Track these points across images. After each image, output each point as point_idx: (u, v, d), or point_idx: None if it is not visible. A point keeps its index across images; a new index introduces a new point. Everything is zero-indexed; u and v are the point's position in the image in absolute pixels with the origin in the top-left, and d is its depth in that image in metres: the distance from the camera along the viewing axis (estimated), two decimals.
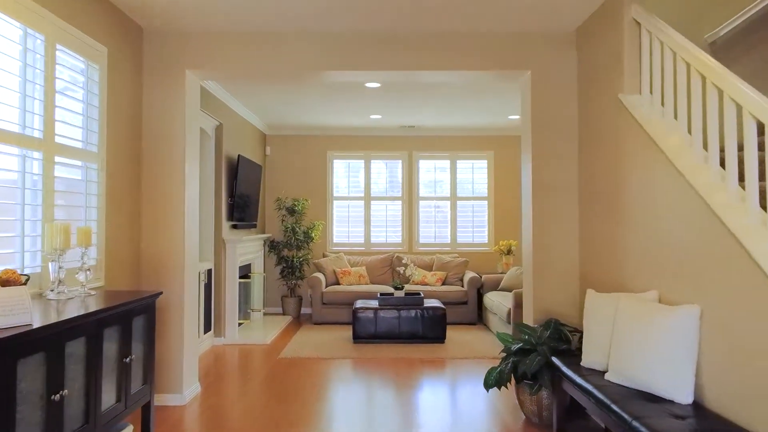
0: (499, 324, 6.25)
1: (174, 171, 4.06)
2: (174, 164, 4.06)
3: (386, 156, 8.33)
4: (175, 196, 4.05)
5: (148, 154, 4.05)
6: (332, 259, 7.73)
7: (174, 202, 4.04)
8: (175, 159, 4.06)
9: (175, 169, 4.06)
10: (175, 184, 4.05)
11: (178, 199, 4.05)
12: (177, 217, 4.04)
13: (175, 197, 4.04)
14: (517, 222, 8.29)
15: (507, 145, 8.30)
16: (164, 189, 4.04)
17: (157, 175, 4.05)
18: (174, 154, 4.06)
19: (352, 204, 8.31)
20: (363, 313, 6.06)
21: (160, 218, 4.02)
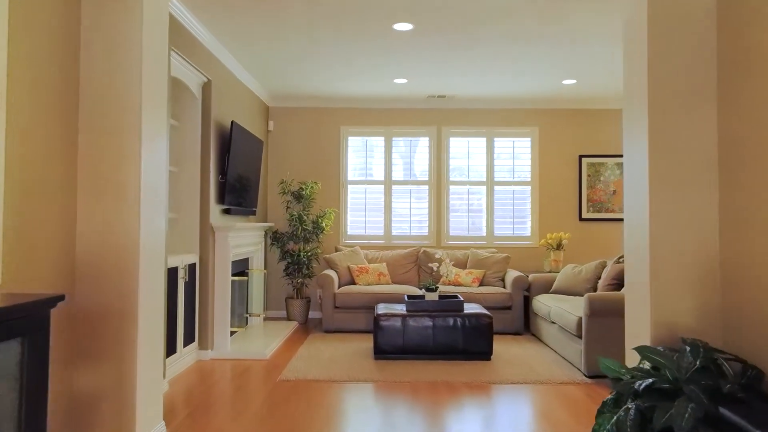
0: (560, 337, 4.93)
1: (126, 132, 2.78)
2: (126, 123, 2.78)
3: (411, 132, 7.03)
4: (127, 166, 2.77)
5: (87, 107, 2.78)
6: (346, 254, 6.45)
7: (125, 175, 2.77)
8: (128, 116, 2.78)
9: (127, 129, 2.78)
10: (128, 149, 2.78)
11: (130, 171, 2.77)
12: (129, 195, 2.77)
13: (126, 168, 2.77)
14: (568, 211, 6.96)
15: (556, 119, 6.98)
16: (111, 156, 2.77)
17: (100, 136, 2.77)
18: (126, 109, 2.79)
19: (370, 189, 7.02)
20: (387, 321, 4.77)
21: (104, 195, 2.75)
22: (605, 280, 4.97)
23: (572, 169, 6.97)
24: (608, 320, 4.20)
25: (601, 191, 6.95)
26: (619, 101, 6.84)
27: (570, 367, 4.48)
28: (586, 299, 4.23)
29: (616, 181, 6.95)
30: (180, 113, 4.74)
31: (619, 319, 4.19)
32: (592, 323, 4.21)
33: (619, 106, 6.92)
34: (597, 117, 6.97)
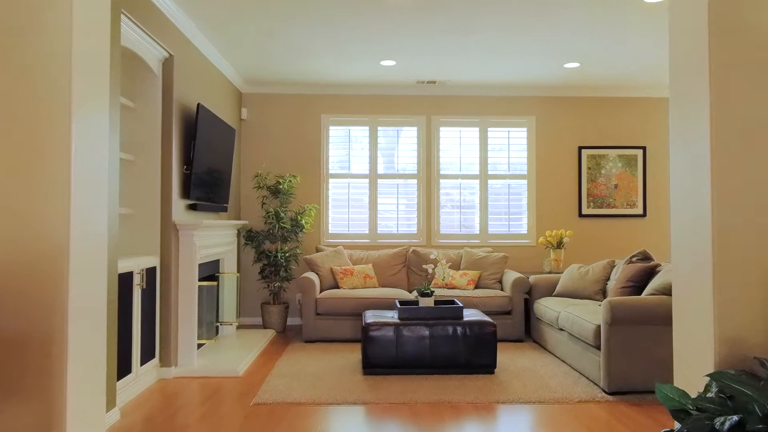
0: (571, 347, 4.41)
1: (49, 107, 2.15)
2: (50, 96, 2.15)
3: (398, 121, 6.46)
4: (52, 149, 2.14)
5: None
6: (329, 254, 5.85)
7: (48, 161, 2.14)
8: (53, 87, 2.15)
9: (51, 104, 2.15)
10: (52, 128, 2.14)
11: (56, 156, 2.14)
12: (54, 187, 2.14)
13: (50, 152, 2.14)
14: (567, 207, 6.46)
15: (554, 108, 6.48)
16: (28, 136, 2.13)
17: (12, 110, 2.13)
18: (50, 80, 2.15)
19: (354, 183, 6.43)
20: (378, 331, 4.19)
21: (18, 186, 2.12)
22: (619, 282, 4.47)
23: (571, 161, 6.48)
24: (633, 329, 3.69)
25: (603, 185, 6.48)
26: (623, 87, 6.37)
27: (586, 382, 3.96)
28: (606, 305, 3.70)
29: (619, 174, 6.49)
30: (136, 92, 4.09)
31: (645, 327, 3.68)
32: (613, 332, 3.69)
33: (622, 93, 6.45)
34: (598, 105, 6.50)
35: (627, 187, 6.48)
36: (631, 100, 6.50)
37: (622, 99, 6.50)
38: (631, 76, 5.90)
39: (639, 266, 4.42)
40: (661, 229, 6.50)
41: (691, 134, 2.44)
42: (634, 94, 6.45)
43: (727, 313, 2.28)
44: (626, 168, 6.48)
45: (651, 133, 6.52)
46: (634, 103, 6.50)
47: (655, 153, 6.52)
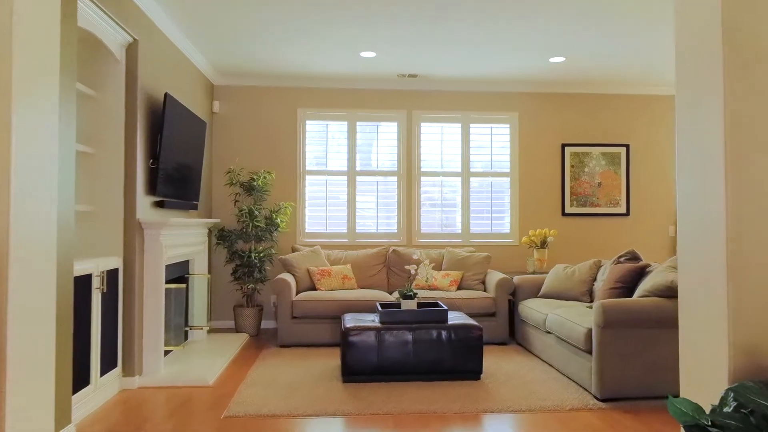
0: (559, 350, 4.25)
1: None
2: None
3: (378, 116, 6.22)
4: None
5: None
6: (305, 254, 5.59)
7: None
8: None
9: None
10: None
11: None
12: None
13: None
14: (550, 206, 6.32)
15: (537, 104, 6.33)
16: None
17: None
18: None
19: (332, 180, 6.18)
20: (358, 336, 3.96)
21: None
22: (608, 282, 4.32)
23: (554, 159, 6.34)
24: (625, 332, 3.53)
25: (586, 183, 6.36)
26: (607, 84, 6.25)
27: (576, 388, 3.79)
28: (598, 308, 3.53)
29: (602, 172, 6.37)
30: (97, 80, 3.77)
31: (638, 331, 3.52)
32: (606, 336, 3.52)
33: (606, 89, 6.33)
34: (582, 102, 6.37)
35: (610, 186, 6.37)
36: (615, 97, 6.39)
37: (605, 96, 6.38)
38: (617, 72, 5.77)
39: (628, 267, 4.28)
40: (644, 229, 6.40)
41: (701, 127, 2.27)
42: (617, 90, 6.34)
43: (744, 320, 2.11)
44: (610, 166, 6.37)
45: (634, 131, 6.42)
46: (617, 101, 6.40)
47: (638, 151, 6.42)
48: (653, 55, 5.19)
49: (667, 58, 5.24)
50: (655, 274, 3.82)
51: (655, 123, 6.44)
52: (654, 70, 5.65)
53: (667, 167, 6.44)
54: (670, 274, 3.64)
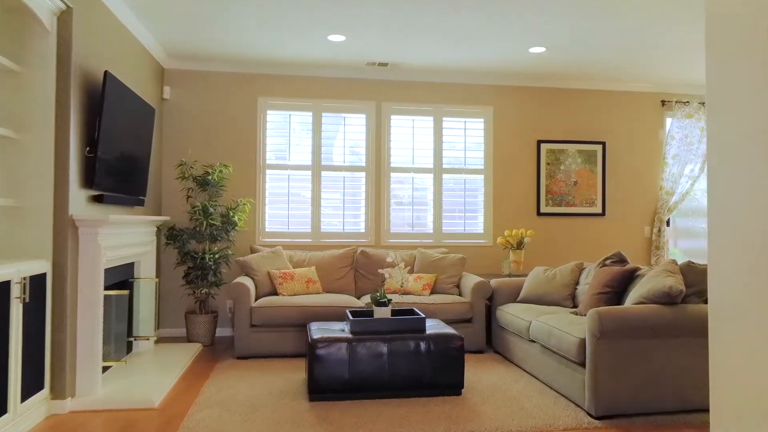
0: (546, 361, 3.93)
1: None
2: None
3: (345, 107, 5.80)
4: None
5: None
6: (266, 255, 5.11)
7: None
8: None
9: None
10: None
11: None
12: None
13: None
14: (525, 205, 6.03)
15: (513, 98, 6.03)
16: None
17: None
18: None
19: (295, 175, 5.71)
20: (327, 348, 3.53)
21: None
22: (595, 287, 4.03)
23: (530, 156, 6.06)
24: (622, 342, 3.23)
25: (562, 182, 6.10)
26: (585, 78, 6.00)
27: (567, 404, 3.48)
28: (594, 316, 3.22)
29: (578, 170, 6.13)
30: (23, 53, 3.22)
31: (635, 341, 3.23)
32: (601, 347, 3.21)
33: (583, 84, 6.09)
34: (559, 97, 6.11)
35: (586, 185, 6.15)
36: (593, 93, 6.17)
37: (583, 91, 6.15)
38: (597, 66, 5.53)
39: (616, 270, 4.00)
40: (620, 230, 6.20)
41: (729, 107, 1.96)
42: (595, 86, 6.12)
43: None
44: (586, 164, 6.14)
45: (611, 128, 6.21)
46: (595, 96, 6.17)
47: (614, 149, 6.22)
48: (636, 50, 4.96)
49: (649, 53, 5.02)
50: (649, 279, 3.55)
51: (632, 120, 6.25)
52: (635, 65, 5.44)
53: (643, 166, 6.26)
54: (667, 279, 3.37)
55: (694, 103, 6.19)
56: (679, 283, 3.30)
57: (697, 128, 6.20)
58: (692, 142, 6.19)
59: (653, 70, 5.65)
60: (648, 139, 6.29)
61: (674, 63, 5.39)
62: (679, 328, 3.26)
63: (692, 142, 6.19)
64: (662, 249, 6.17)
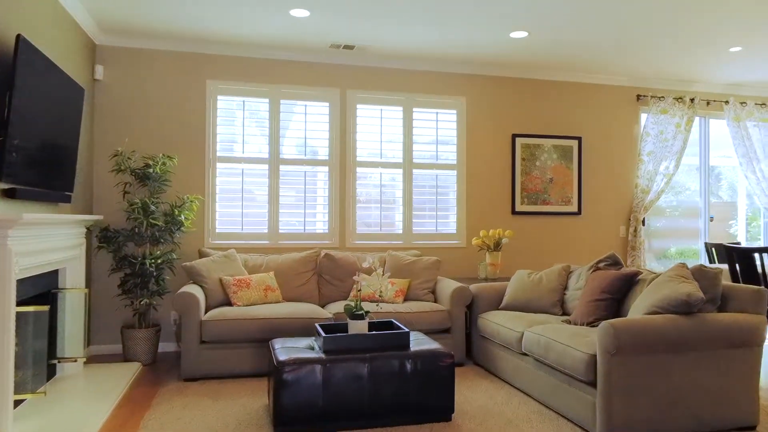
0: (543, 378, 3.51)
1: None
2: None
3: (306, 94, 5.22)
4: None
5: None
6: (217, 260, 4.48)
7: None
8: None
9: None
10: None
11: None
12: None
13: None
14: (499, 203, 5.65)
15: (487, 88, 5.63)
16: None
17: None
18: None
19: (250, 169, 5.10)
20: (296, 371, 2.97)
21: None
22: (591, 293, 3.65)
23: (505, 150, 5.68)
24: (639, 359, 2.84)
25: (537, 179, 5.75)
26: (565, 70, 5.67)
27: (573, 429, 3.06)
28: (608, 329, 2.81)
29: (554, 166, 5.80)
30: None
31: (651, 356, 2.85)
32: (617, 365, 2.81)
33: (562, 76, 5.76)
34: (534, 89, 5.76)
35: (562, 182, 5.82)
36: (570, 85, 5.85)
37: (560, 83, 5.82)
38: (580, 54, 5.20)
39: (614, 274, 3.64)
40: (596, 229, 5.92)
41: None
42: (571, 78, 5.80)
43: None
44: (562, 160, 5.82)
45: (587, 123, 5.92)
46: (570, 89, 5.86)
47: (590, 144, 5.93)
48: (616, 37, 4.64)
49: (627, 42, 4.73)
50: (659, 285, 3.18)
51: (608, 115, 5.98)
52: (613, 55, 5.14)
53: (618, 163, 6.01)
54: (682, 286, 3.01)
55: (669, 99, 5.98)
56: (698, 290, 2.95)
57: (672, 124, 6.00)
58: (667, 138, 5.99)
59: (630, 62, 5.38)
60: (624, 134, 6.04)
61: (651, 55, 5.13)
62: (700, 341, 2.90)
63: (667, 138, 5.99)
64: (638, 250, 5.93)
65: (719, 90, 6.25)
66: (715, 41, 4.76)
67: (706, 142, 6.37)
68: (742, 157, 6.26)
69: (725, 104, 6.21)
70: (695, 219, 6.32)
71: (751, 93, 6.36)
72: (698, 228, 6.33)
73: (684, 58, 5.25)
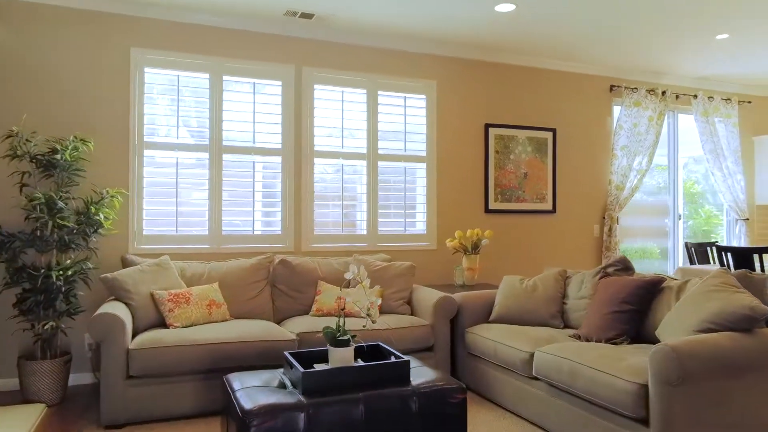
0: (565, 409, 2.93)
1: None
2: None
3: (255, 70, 4.40)
4: None
5: None
6: (146, 269, 3.58)
7: None
8: None
9: None
10: None
11: None
12: None
13: None
14: (472, 200, 5.08)
15: (460, 72, 5.04)
16: None
17: None
18: None
19: (186, 158, 4.22)
20: (268, 422, 2.20)
21: None
22: (606, 303, 3.13)
23: (477, 141, 5.12)
24: (702, 388, 2.31)
25: (512, 173, 5.24)
26: (545, 54, 5.17)
27: None
28: (668, 354, 2.26)
29: (529, 160, 5.31)
30: None
31: (716, 384, 2.33)
32: (678, 397, 2.26)
33: (541, 63, 5.27)
34: (509, 75, 5.24)
35: (536, 177, 5.35)
36: (543, 73, 5.39)
37: (533, 70, 5.34)
38: (560, 36, 4.72)
39: (634, 281, 3.13)
40: (571, 228, 5.49)
41: None
42: (547, 65, 5.34)
43: None
44: (536, 153, 5.34)
45: (561, 114, 5.48)
46: (545, 78, 5.39)
47: (565, 137, 5.49)
48: (603, 19, 4.20)
49: (608, 27, 4.30)
50: (702, 297, 2.68)
51: (583, 106, 5.57)
52: (596, 41, 4.70)
53: (593, 158, 5.62)
54: (740, 297, 2.52)
55: (642, 90, 5.66)
56: (759, 302, 2.47)
57: (645, 117, 5.68)
58: (641, 132, 5.66)
59: (604, 49, 4.97)
60: (598, 127, 5.66)
61: (628, 42, 4.74)
62: (764, 362, 2.42)
63: (641, 132, 5.66)
64: (613, 251, 5.57)
65: (687, 83, 6.03)
66: (702, 26, 4.42)
67: (675, 137, 6.13)
68: (709, 154, 6.07)
69: (693, 98, 5.98)
70: (662, 217, 6.06)
71: (719, 88, 6.19)
72: (665, 226, 6.07)
73: (662, 46, 4.90)
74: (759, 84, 6.24)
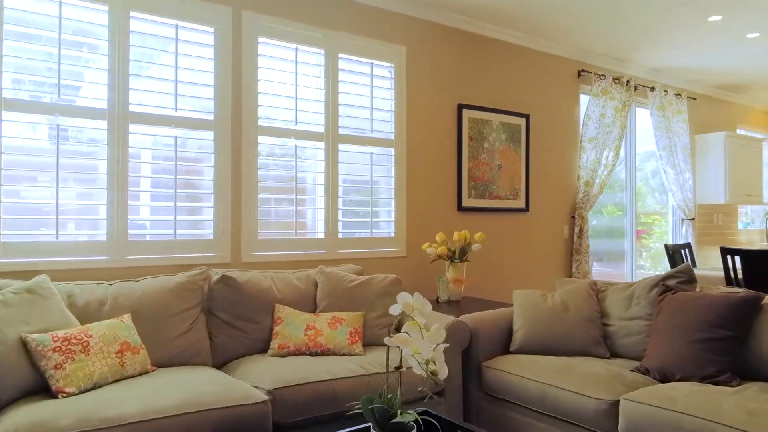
0: None
1: None
2: None
3: (176, 10, 3.12)
4: None
5: None
6: (11, 299, 2.21)
7: None
8: None
9: None
10: None
11: None
12: None
13: None
14: (443, 196, 4.19)
15: (432, 37, 4.12)
16: None
17: None
18: None
19: (71, 127, 2.84)
20: None
21: None
22: (689, 329, 2.40)
23: (450, 124, 4.25)
24: None
25: (486, 165, 4.44)
26: (517, 31, 4.42)
27: None
28: None
29: (503, 150, 4.55)
30: None
31: None
32: None
33: (510, 38, 4.51)
34: (485, 48, 4.44)
35: (511, 169, 4.61)
36: (525, 51, 4.67)
37: (507, 46, 4.60)
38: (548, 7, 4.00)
39: (724, 299, 2.44)
40: (543, 229, 4.83)
41: None
42: (522, 41, 4.62)
43: None
44: (510, 143, 4.60)
45: (534, 98, 4.79)
46: (518, 54, 4.67)
47: (538, 125, 4.82)
48: None
49: None
50: None
51: (554, 91, 4.94)
52: (571, 10, 4.06)
53: (561, 151, 5.01)
54: None
55: (609, 78, 5.16)
56: None
57: (611, 108, 5.20)
58: (608, 123, 5.17)
59: (575, 24, 4.37)
60: (567, 116, 5.07)
61: (594, 18, 4.17)
62: None
63: (608, 123, 5.17)
64: (583, 254, 5.00)
65: (644, 74, 5.67)
66: (694, 5, 3.94)
67: (633, 131, 5.76)
68: (663, 150, 5.77)
69: (650, 91, 5.64)
70: (620, 218, 5.65)
71: (671, 82, 5.92)
72: (622, 226, 5.67)
73: (625, 28, 4.40)
74: (701, 80, 6.08)
